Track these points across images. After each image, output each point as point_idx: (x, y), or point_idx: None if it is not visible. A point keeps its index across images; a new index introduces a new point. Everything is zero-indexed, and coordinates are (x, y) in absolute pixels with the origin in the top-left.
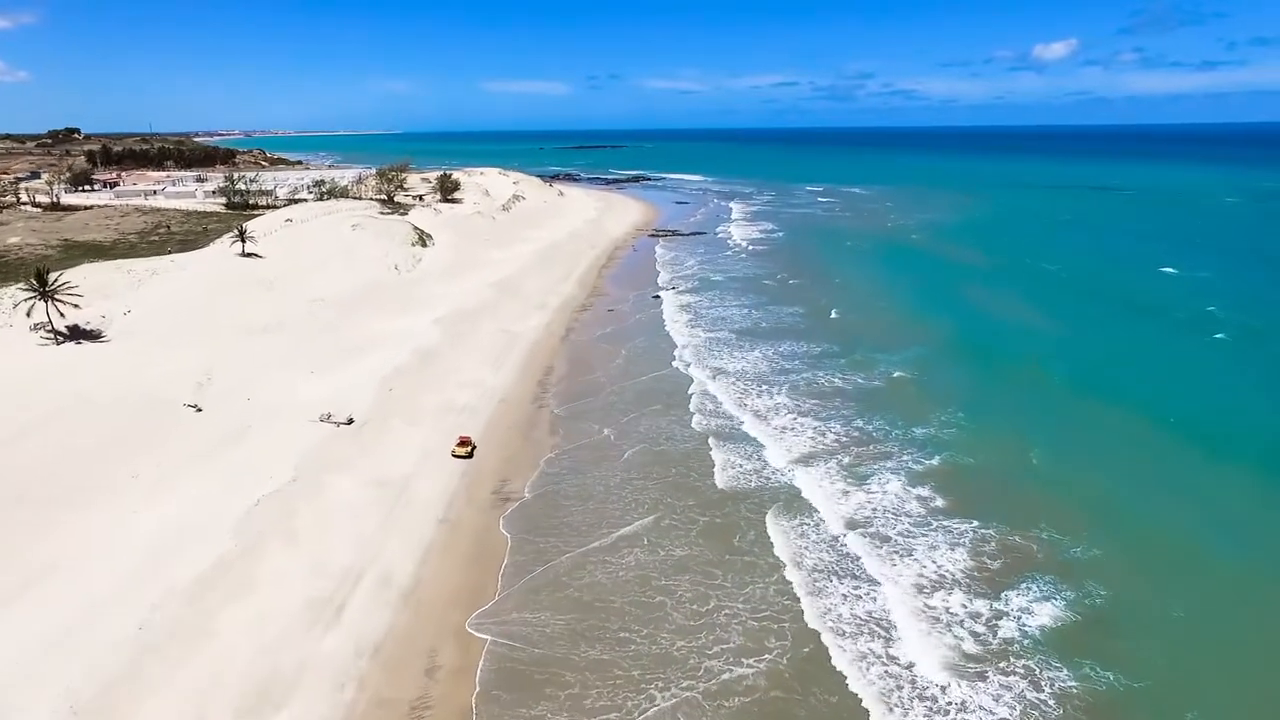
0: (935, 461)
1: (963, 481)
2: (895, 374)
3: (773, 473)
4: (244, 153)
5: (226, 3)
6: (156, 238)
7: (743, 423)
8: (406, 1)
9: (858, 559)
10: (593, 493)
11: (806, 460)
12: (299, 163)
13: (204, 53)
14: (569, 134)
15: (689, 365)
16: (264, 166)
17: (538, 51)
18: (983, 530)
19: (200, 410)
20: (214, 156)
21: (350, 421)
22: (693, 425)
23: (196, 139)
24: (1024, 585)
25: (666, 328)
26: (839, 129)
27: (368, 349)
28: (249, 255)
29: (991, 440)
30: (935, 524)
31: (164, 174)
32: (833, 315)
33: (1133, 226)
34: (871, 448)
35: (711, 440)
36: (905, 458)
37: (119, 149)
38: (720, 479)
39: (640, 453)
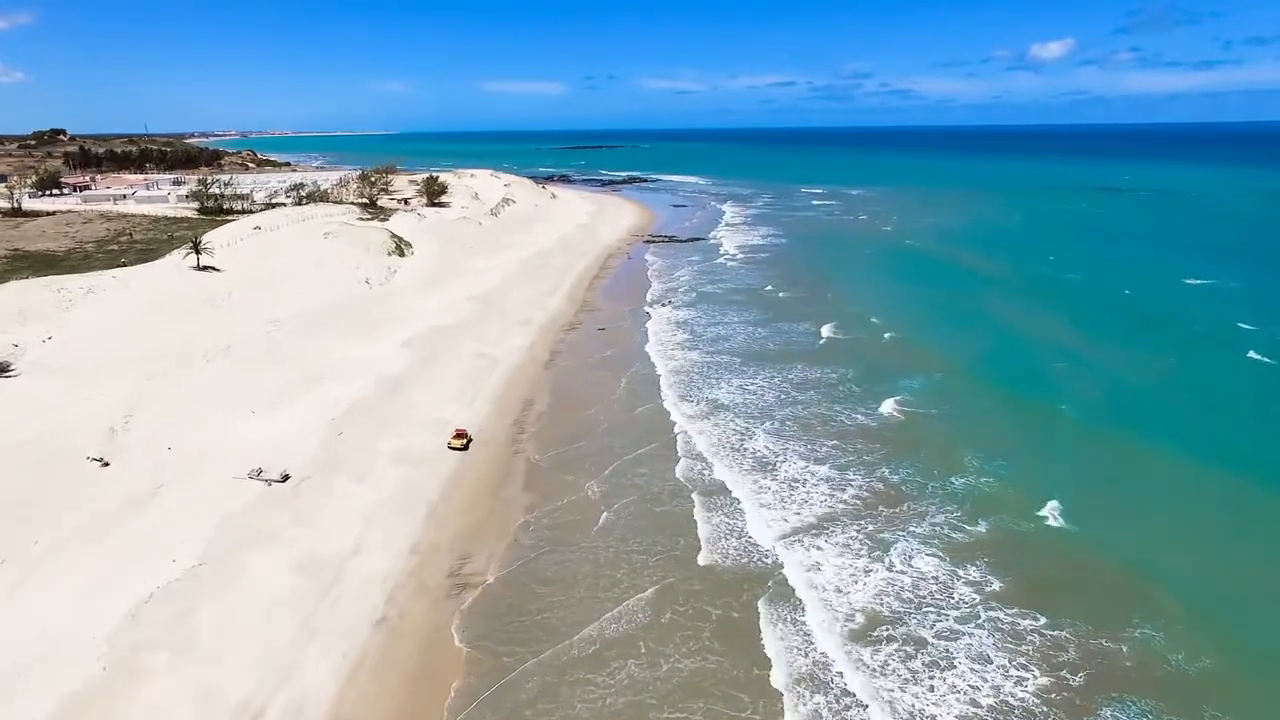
0: (981, 529)
1: (1018, 555)
2: (918, 408)
3: (788, 543)
4: (232, 154)
5: (226, 3)
6: (116, 247)
7: (749, 474)
8: (406, 2)
9: (888, 674)
10: (575, 574)
11: (824, 526)
12: (287, 164)
13: (202, 53)
14: (566, 134)
15: (686, 399)
16: (250, 168)
17: (536, 52)
18: (1052, 631)
19: (107, 464)
20: (198, 158)
21: (285, 479)
22: (693, 478)
23: (192, 140)
24: (1115, 713)
25: (660, 351)
26: (836, 129)
27: (324, 378)
28: (205, 269)
29: (1042, 496)
30: (984, 616)
31: (140, 177)
32: (841, 335)
33: (1147, 230)
34: (902, 507)
35: (714, 499)
36: (940, 519)
37: (100, 150)
38: (728, 553)
39: (634, 515)
